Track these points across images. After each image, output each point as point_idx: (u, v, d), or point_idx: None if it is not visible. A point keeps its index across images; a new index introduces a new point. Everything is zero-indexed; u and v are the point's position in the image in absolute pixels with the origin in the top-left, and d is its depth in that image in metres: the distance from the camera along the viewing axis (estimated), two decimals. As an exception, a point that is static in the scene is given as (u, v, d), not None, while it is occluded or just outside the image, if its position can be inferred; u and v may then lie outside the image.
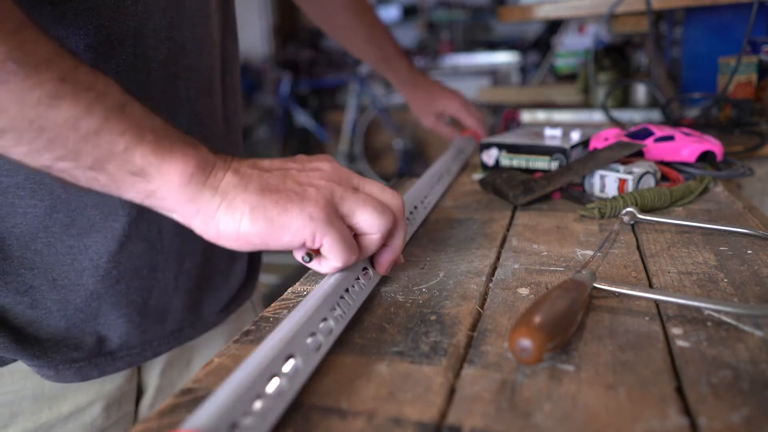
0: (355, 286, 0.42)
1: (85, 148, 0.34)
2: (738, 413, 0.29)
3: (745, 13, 1.06)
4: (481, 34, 4.13)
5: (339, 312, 0.38)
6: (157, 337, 0.57)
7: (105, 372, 0.53)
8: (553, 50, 1.90)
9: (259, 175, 0.37)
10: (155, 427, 0.30)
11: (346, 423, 0.30)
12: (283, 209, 0.36)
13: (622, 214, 0.58)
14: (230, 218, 0.36)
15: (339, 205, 0.39)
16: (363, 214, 0.39)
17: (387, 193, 0.42)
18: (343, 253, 0.39)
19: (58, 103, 0.32)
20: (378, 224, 0.40)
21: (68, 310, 0.50)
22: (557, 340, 0.34)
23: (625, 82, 1.30)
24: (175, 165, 0.35)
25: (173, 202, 0.36)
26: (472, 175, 0.85)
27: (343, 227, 0.39)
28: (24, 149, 0.34)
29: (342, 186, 0.39)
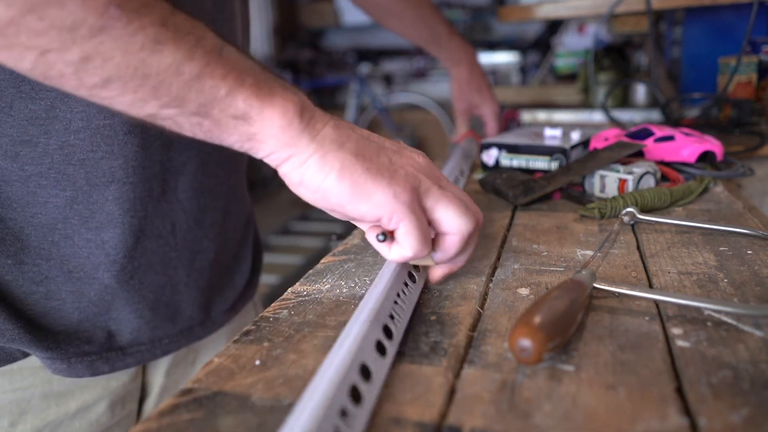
0: (405, 291, 0.41)
1: (189, 93, 0.33)
2: (738, 413, 0.29)
3: (745, 13, 1.06)
4: (481, 34, 4.13)
5: (396, 317, 0.37)
6: (167, 335, 0.57)
7: (115, 367, 0.53)
8: (553, 50, 1.90)
9: (358, 138, 0.37)
10: (155, 426, 0.30)
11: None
12: (372, 178, 0.36)
13: (622, 214, 0.58)
14: (319, 170, 0.36)
15: (424, 196, 0.38)
16: (446, 211, 0.39)
17: (472, 203, 0.41)
18: (417, 242, 0.38)
19: (161, 48, 0.32)
20: (459, 225, 0.39)
21: (82, 303, 0.50)
22: (557, 341, 0.34)
23: (625, 82, 1.30)
24: (276, 109, 0.35)
25: (272, 145, 0.36)
26: (472, 175, 0.85)
27: (422, 217, 0.38)
28: (129, 98, 0.33)
29: (431, 179, 0.39)
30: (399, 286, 0.40)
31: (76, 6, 0.29)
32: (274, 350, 0.38)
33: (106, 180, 0.48)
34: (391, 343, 0.35)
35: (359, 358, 0.31)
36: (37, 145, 0.45)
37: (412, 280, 0.43)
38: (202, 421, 0.31)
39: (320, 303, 0.44)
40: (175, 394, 0.33)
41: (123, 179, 0.49)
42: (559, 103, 1.46)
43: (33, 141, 0.45)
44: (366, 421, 0.29)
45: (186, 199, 0.54)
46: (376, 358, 0.32)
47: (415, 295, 0.42)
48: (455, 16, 4.00)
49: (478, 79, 1.02)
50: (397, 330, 0.36)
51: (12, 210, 0.47)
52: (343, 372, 0.29)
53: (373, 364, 0.32)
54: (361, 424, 0.28)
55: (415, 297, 0.42)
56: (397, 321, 0.37)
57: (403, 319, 0.38)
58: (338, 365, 0.29)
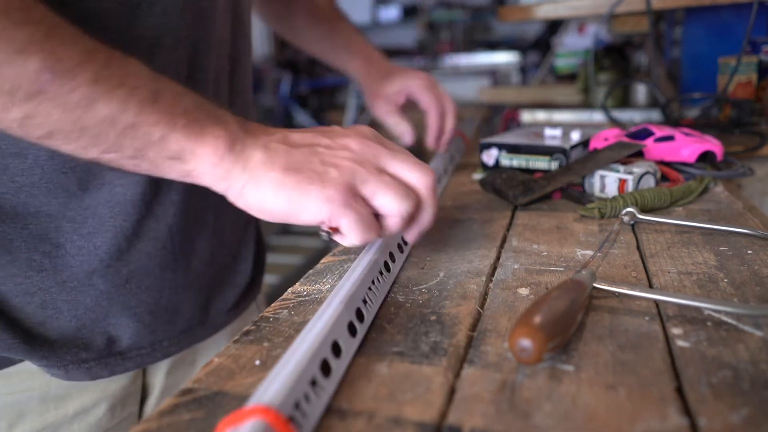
0: (379, 279, 0.44)
1: (125, 141, 0.36)
2: (738, 413, 0.29)
3: (745, 13, 1.06)
4: (481, 34, 4.13)
5: (368, 302, 0.41)
6: (167, 337, 0.57)
7: (115, 372, 0.53)
8: (553, 50, 1.90)
9: (286, 152, 0.39)
10: (155, 427, 0.30)
11: (346, 423, 0.30)
12: (304, 191, 0.38)
13: (622, 214, 0.58)
14: (256, 193, 0.39)
15: (360, 187, 0.39)
16: (384, 197, 0.40)
17: (415, 173, 0.42)
18: (360, 233, 0.40)
19: (94, 104, 0.34)
20: (398, 208, 0.41)
21: (78, 311, 0.50)
22: (557, 340, 0.34)
23: (625, 82, 1.30)
24: (207, 148, 0.38)
25: (210, 179, 0.39)
26: (472, 175, 0.85)
27: (361, 209, 0.39)
28: (72, 146, 0.37)
29: (366, 167, 0.40)
30: (374, 274, 0.43)
31: (11, 73, 0.32)
32: (274, 350, 0.38)
33: (97, 183, 0.48)
34: (361, 326, 0.38)
35: (332, 336, 0.34)
36: (27, 157, 0.45)
37: (387, 270, 0.46)
38: (202, 421, 0.31)
39: (320, 303, 0.44)
40: (175, 394, 0.33)
41: (114, 182, 0.49)
42: (559, 103, 1.46)
43: (22, 153, 0.45)
44: (331, 394, 0.32)
45: (179, 200, 0.54)
46: (347, 338, 0.36)
47: (388, 283, 0.46)
48: (455, 16, 4.00)
49: (386, 65, 0.84)
50: (368, 314, 0.40)
51: (2, 223, 0.46)
52: (316, 345, 0.32)
53: (344, 342, 0.35)
54: (327, 395, 0.31)
55: (388, 285, 0.45)
56: (369, 306, 0.40)
57: (374, 304, 0.41)
58: (312, 339, 0.32)
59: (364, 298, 0.40)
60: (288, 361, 0.30)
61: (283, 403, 0.27)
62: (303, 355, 0.31)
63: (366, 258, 0.45)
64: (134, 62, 0.37)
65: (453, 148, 0.91)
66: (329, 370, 0.32)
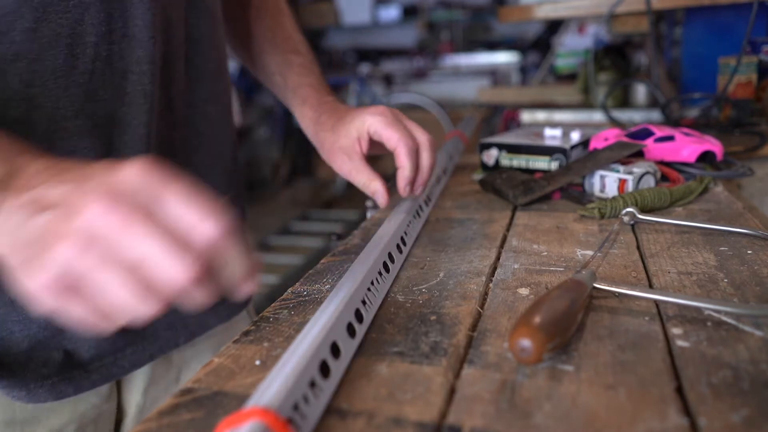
0: (378, 280, 0.44)
1: None
2: (738, 413, 0.29)
3: (745, 13, 1.06)
4: (481, 34, 4.13)
5: (368, 303, 0.41)
6: (130, 344, 0.53)
7: (81, 387, 0.50)
8: (553, 50, 1.90)
9: (21, 223, 0.30)
10: (155, 427, 0.30)
11: (346, 423, 0.30)
12: (18, 279, 0.30)
13: (622, 215, 0.58)
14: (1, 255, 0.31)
15: (81, 279, 0.28)
16: (109, 297, 0.29)
17: (172, 252, 0.28)
18: (91, 315, 0.29)
19: None
20: (132, 311, 0.29)
21: (31, 330, 0.47)
22: (557, 341, 0.34)
23: (625, 82, 1.30)
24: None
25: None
26: (472, 175, 0.85)
27: (76, 302, 0.29)
28: None
29: (92, 252, 0.28)
30: (373, 275, 0.43)
31: None
32: (274, 350, 0.38)
33: None
34: (360, 326, 0.38)
35: (331, 337, 0.34)
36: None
37: (386, 270, 0.46)
38: (202, 421, 0.31)
39: (320, 303, 0.44)
40: (175, 395, 0.33)
41: None
42: (559, 103, 1.46)
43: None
44: (330, 395, 0.32)
45: None
46: (346, 339, 0.35)
47: (388, 284, 0.46)
48: (455, 16, 4.00)
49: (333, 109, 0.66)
50: (367, 315, 0.39)
51: None
52: (315, 347, 0.32)
53: (343, 343, 0.35)
54: (326, 397, 0.31)
55: (387, 286, 0.45)
56: (368, 307, 0.40)
57: (373, 305, 0.41)
58: (311, 340, 0.32)
59: (363, 299, 0.40)
60: (287, 363, 0.30)
61: (281, 404, 0.27)
62: (302, 356, 0.31)
63: (365, 258, 0.45)
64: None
65: (452, 148, 0.91)
66: (328, 372, 0.32)
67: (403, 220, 0.55)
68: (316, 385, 0.31)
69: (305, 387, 0.30)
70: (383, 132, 0.58)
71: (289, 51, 0.71)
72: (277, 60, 0.70)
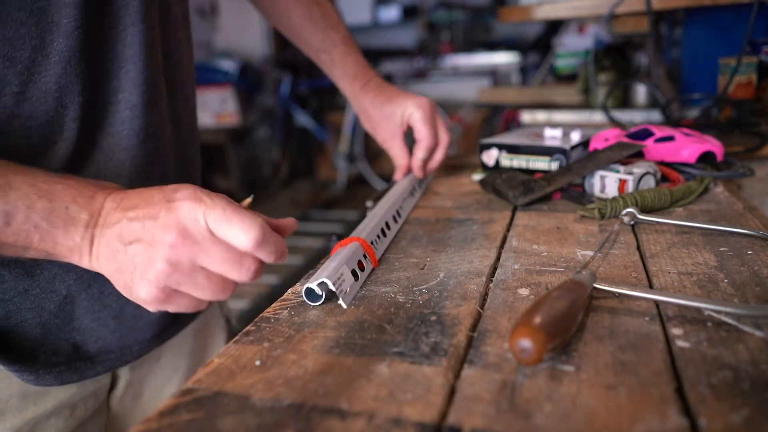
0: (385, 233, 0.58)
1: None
2: (738, 414, 0.29)
3: (745, 13, 1.06)
4: (481, 35, 4.13)
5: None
6: (136, 342, 0.57)
7: (85, 376, 0.53)
8: (553, 51, 1.91)
9: (115, 252, 0.42)
10: (155, 427, 0.30)
11: (346, 423, 0.30)
12: (128, 293, 0.42)
13: (623, 215, 0.58)
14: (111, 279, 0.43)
15: (176, 287, 0.41)
16: (197, 294, 0.42)
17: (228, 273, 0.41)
18: (186, 310, 0.43)
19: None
20: (212, 298, 0.42)
21: (43, 317, 0.50)
22: (557, 341, 0.34)
23: (626, 82, 1.30)
24: (63, 254, 0.42)
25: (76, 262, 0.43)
26: (472, 175, 0.85)
27: (179, 300, 0.42)
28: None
29: (180, 270, 0.40)
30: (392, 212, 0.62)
31: None
32: (274, 350, 0.38)
33: None
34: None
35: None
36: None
37: (384, 235, 0.58)
38: (202, 421, 0.31)
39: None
40: (176, 394, 0.33)
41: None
42: (559, 104, 1.46)
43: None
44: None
45: None
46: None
47: (387, 241, 0.57)
48: (455, 17, 4.00)
49: (382, 88, 0.78)
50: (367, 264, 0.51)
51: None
52: (379, 216, 0.58)
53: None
54: (388, 241, 0.57)
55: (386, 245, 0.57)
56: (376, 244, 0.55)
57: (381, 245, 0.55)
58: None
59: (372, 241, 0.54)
60: (368, 223, 0.56)
61: (368, 236, 0.52)
62: (374, 221, 0.56)
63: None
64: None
65: (451, 135, 0.92)
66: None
67: (399, 195, 0.68)
68: (380, 236, 0.55)
69: (378, 233, 0.55)
70: (418, 125, 0.75)
71: (329, 27, 0.77)
72: (319, 37, 0.77)
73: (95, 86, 0.50)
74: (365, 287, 0.47)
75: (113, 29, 0.50)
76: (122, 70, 0.51)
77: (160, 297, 0.41)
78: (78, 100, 0.48)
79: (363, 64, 0.79)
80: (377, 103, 0.77)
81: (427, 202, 0.72)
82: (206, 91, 3.82)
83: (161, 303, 0.41)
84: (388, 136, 0.77)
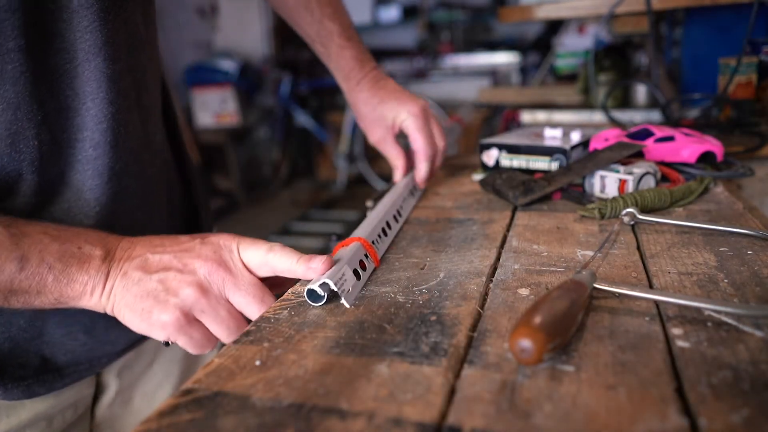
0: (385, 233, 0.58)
1: (11, 301, 0.42)
2: (738, 414, 0.29)
3: (745, 13, 1.06)
4: (481, 35, 4.13)
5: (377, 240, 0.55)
6: (106, 354, 0.56)
7: (53, 388, 0.52)
8: (553, 51, 1.91)
9: (139, 279, 0.43)
10: (155, 427, 0.30)
11: (346, 423, 0.30)
12: (146, 318, 0.43)
13: (623, 215, 0.58)
14: (118, 313, 0.45)
15: (197, 315, 0.44)
16: (214, 328, 0.45)
17: (250, 308, 0.45)
18: (192, 350, 0.45)
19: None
20: (225, 339, 0.45)
21: (12, 332, 0.50)
22: (557, 341, 0.34)
23: (626, 82, 1.30)
24: (77, 292, 0.43)
25: (90, 306, 0.45)
26: (472, 175, 0.85)
27: (194, 332, 0.44)
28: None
29: (207, 297, 0.43)
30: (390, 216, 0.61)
31: None
32: (274, 350, 0.38)
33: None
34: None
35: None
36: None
37: (385, 235, 0.58)
38: (202, 421, 0.31)
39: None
40: (175, 395, 0.33)
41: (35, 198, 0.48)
42: (559, 104, 1.46)
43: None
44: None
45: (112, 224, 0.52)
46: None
47: (388, 241, 0.58)
48: (455, 17, 4.00)
49: (378, 86, 0.74)
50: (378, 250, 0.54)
51: None
52: (379, 217, 0.58)
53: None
54: (389, 241, 0.57)
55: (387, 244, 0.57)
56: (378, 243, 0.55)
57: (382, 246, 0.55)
58: (380, 210, 0.57)
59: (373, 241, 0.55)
60: (369, 223, 0.56)
61: (369, 236, 0.52)
62: (375, 220, 0.56)
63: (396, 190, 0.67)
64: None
65: (449, 133, 0.92)
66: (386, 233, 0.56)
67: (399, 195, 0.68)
68: (381, 235, 0.56)
69: (379, 232, 0.56)
70: (412, 134, 0.71)
71: (326, 16, 0.72)
72: (315, 28, 0.73)
73: (55, 125, 0.48)
74: (365, 287, 0.47)
75: (68, 64, 0.47)
76: (83, 107, 0.49)
77: (181, 321, 0.42)
78: (33, 144, 0.46)
79: (360, 59, 0.74)
80: (370, 104, 0.74)
81: (427, 202, 0.72)
82: (206, 91, 3.82)
83: (179, 329, 0.43)
84: (380, 138, 0.75)
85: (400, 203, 0.66)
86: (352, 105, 0.77)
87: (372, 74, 0.74)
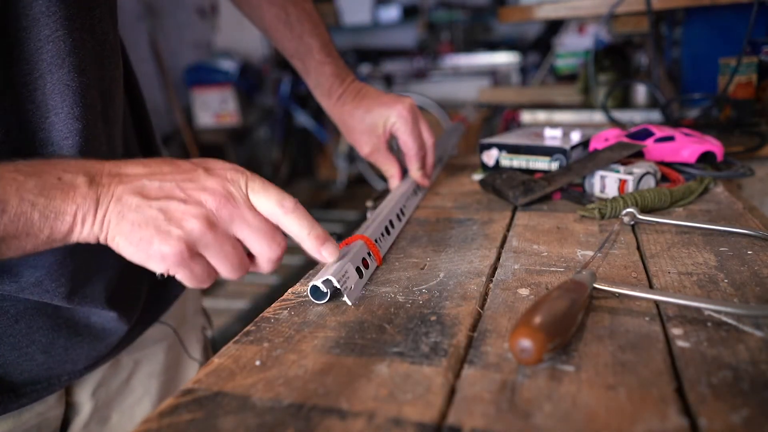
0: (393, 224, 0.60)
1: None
2: (738, 414, 0.29)
3: (745, 13, 1.06)
4: (481, 35, 4.13)
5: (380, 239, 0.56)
6: (66, 372, 0.53)
7: (8, 409, 0.50)
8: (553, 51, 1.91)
9: (137, 206, 0.40)
10: (155, 427, 0.30)
11: (346, 423, 0.30)
12: (145, 248, 0.40)
13: (623, 215, 0.58)
14: (113, 242, 0.40)
15: (200, 250, 0.41)
16: (219, 265, 0.42)
17: (261, 246, 0.42)
18: (191, 284, 0.42)
19: None
20: (230, 275, 0.42)
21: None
22: (557, 341, 0.34)
23: (626, 82, 1.30)
24: (66, 225, 0.39)
25: (80, 239, 0.41)
26: (472, 175, 0.85)
27: (195, 267, 0.41)
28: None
29: (213, 231, 0.40)
30: (395, 212, 0.62)
31: None
32: (274, 350, 0.38)
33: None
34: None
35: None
36: None
37: (388, 233, 0.58)
38: (202, 422, 0.31)
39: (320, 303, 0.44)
40: (175, 395, 0.33)
41: None
42: (559, 104, 1.46)
43: None
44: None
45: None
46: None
47: (390, 240, 0.58)
48: (455, 17, 4.00)
49: (361, 96, 0.74)
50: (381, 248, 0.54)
51: None
52: (384, 214, 0.59)
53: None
54: (391, 240, 0.57)
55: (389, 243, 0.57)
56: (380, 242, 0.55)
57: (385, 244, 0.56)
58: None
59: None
60: (371, 224, 0.56)
61: (372, 234, 0.52)
62: (381, 218, 0.58)
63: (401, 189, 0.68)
64: None
65: (453, 132, 0.92)
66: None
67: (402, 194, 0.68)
68: (384, 234, 0.56)
69: (382, 231, 0.56)
70: (403, 137, 0.71)
71: (306, 32, 0.71)
72: (293, 44, 0.72)
73: (19, 141, 0.45)
74: (365, 287, 0.47)
75: (28, 76, 0.44)
76: (47, 122, 0.46)
77: (184, 254, 0.39)
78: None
79: (339, 75, 0.73)
80: (356, 115, 0.73)
81: (428, 202, 0.72)
82: (206, 91, 3.82)
83: (180, 262, 0.40)
84: (372, 149, 0.74)
85: (403, 202, 0.66)
86: (336, 120, 0.75)
87: (352, 86, 0.74)
